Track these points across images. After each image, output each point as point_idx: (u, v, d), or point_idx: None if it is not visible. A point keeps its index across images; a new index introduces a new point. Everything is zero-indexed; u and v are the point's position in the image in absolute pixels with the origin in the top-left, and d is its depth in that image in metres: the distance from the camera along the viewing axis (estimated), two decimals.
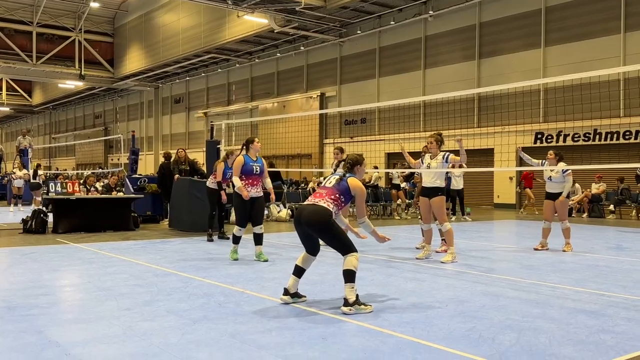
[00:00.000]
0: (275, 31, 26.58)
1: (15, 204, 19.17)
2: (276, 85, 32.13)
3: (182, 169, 13.49)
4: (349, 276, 5.07)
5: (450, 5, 23.00)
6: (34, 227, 11.52)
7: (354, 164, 5.51)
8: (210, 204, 10.82)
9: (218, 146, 12.86)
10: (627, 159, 17.98)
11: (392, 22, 25.03)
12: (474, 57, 22.62)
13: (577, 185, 18.40)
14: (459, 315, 5.05)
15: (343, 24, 26.73)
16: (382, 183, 20.54)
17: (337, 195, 5.27)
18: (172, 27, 33.40)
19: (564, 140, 19.84)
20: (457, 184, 15.40)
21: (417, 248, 9.50)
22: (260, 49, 31.56)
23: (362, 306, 5.05)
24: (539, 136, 20.43)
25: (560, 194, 9.59)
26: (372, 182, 18.02)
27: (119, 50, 39.26)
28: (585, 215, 17.95)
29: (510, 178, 21.55)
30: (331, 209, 5.17)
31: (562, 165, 9.51)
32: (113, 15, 39.52)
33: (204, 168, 14.25)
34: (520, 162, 20.69)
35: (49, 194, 12.17)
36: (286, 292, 5.38)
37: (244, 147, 8.37)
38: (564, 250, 9.42)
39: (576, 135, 19.54)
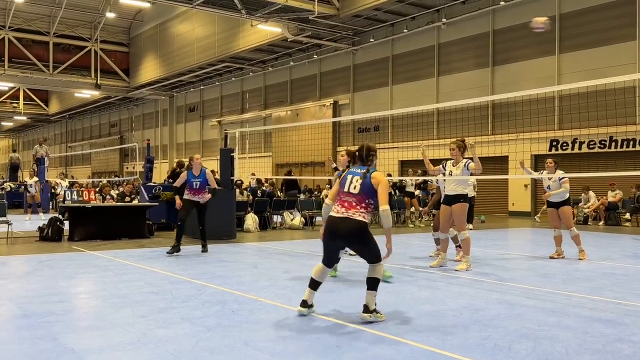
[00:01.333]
0: (288, 40, 26.71)
1: (33, 212, 19.23)
2: (289, 93, 32.25)
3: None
4: (374, 284, 5.08)
5: (464, 13, 22.97)
6: (50, 235, 11.63)
7: (369, 153, 5.32)
8: (182, 213, 9.97)
9: (232, 154, 12.91)
10: None
11: (405, 30, 25.05)
12: (487, 64, 22.55)
13: (591, 193, 18.23)
14: (474, 323, 5.02)
15: (356, 32, 26.80)
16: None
17: (367, 201, 5.08)
18: (187, 37, 33.69)
19: (579, 148, 19.68)
20: (470, 192, 15.29)
21: (430, 256, 9.45)
22: (274, 57, 31.72)
23: (379, 314, 5.06)
24: (554, 143, 20.28)
25: (561, 202, 9.49)
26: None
27: (135, 59, 39.66)
28: (601, 223, 17.76)
29: (525, 186, 21.40)
30: (366, 220, 5.05)
31: (559, 173, 9.42)
32: (129, 26, 39.95)
33: (218, 176, 14.30)
34: (536, 169, 20.60)
35: (65, 202, 12.29)
36: (304, 304, 5.23)
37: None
38: (579, 259, 9.32)
39: (592, 143, 19.37)
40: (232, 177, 12.81)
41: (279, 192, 19.64)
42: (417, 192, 18.62)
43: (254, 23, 25.60)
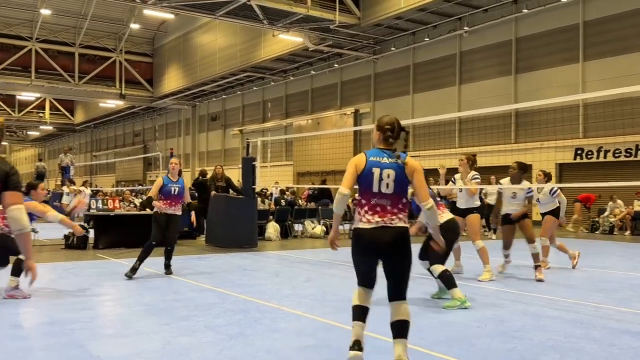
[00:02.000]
0: (309, 49, 26.82)
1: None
2: (310, 102, 32.35)
3: (218, 185, 13.68)
4: (406, 329, 4.00)
5: (486, 21, 22.85)
6: (75, 242, 11.80)
7: (396, 130, 4.02)
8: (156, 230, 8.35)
9: (254, 163, 12.99)
10: None
11: (426, 39, 24.99)
12: (510, 72, 22.37)
13: (619, 201, 17.93)
14: (499, 335, 4.96)
15: (377, 41, 26.81)
16: None
17: (404, 200, 3.97)
18: (210, 47, 34.03)
19: (605, 156, 19.38)
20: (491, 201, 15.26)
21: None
22: (295, 67, 31.87)
23: None
24: (579, 152, 20.01)
25: (549, 212, 9.48)
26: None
27: (158, 70, 40.17)
28: (627, 233, 17.44)
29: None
30: (407, 226, 3.99)
31: (548, 186, 9.30)
32: (152, 37, 40.51)
33: (240, 184, 14.40)
34: (560, 178, 20.36)
35: (90, 210, 12.46)
36: (357, 345, 3.90)
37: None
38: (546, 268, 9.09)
39: (617, 151, 19.06)
40: (253, 186, 12.87)
41: (300, 201, 19.67)
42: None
43: (276, 33, 25.78)
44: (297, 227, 16.28)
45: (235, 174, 18.22)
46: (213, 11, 23.49)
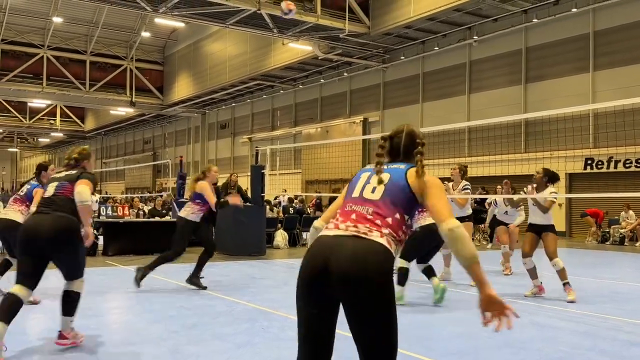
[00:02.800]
0: (319, 58, 26.91)
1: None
2: (319, 110, 32.42)
3: (229, 192, 13.71)
4: None
5: (495, 30, 22.85)
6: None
7: (413, 140, 2.85)
8: (183, 239, 8.13)
9: (263, 171, 13.03)
10: None
11: (436, 48, 25.01)
12: (520, 81, 22.33)
13: (631, 212, 17.81)
14: (507, 346, 4.95)
15: (386, 50, 26.87)
16: None
17: (396, 215, 2.52)
18: (220, 56, 34.24)
19: (615, 167, 19.27)
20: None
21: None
22: (304, 75, 31.98)
23: None
24: (589, 162, 19.91)
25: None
26: None
27: (168, 77, 40.44)
28: (638, 243, 17.32)
29: (560, 205, 21.02)
30: (392, 248, 2.45)
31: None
32: (163, 45, 40.81)
33: (249, 193, 14.44)
34: (570, 188, 20.27)
35: (100, 217, 12.54)
36: None
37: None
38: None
39: (628, 162, 18.95)
40: (262, 194, 12.91)
41: (308, 209, 19.68)
42: None
43: (285, 42, 25.91)
44: (305, 235, 16.29)
45: (244, 182, 18.26)
46: (223, 20, 23.66)
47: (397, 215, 2.51)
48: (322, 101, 32.30)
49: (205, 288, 7.74)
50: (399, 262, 6.50)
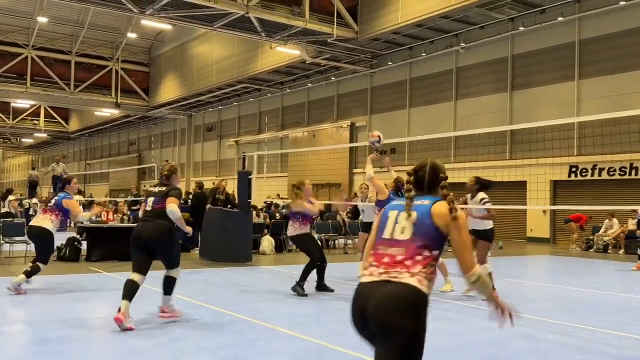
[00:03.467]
0: (306, 62, 26.87)
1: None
2: (307, 114, 32.36)
3: (217, 197, 13.62)
4: None
5: (482, 37, 22.96)
6: (67, 255, 11.69)
7: (436, 174, 3.02)
8: (313, 246, 8.57)
9: (250, 177, 12.93)
10: None
11: (423, 54, 25.07)
12: (506, 88, 22.45)
13: (615, 220, 17.94)
14: (495, 359, 4.91)
15: (374, 55, 26.89)
16: None
17: (425, 253, 2.77)
18: (207, 58, 34.06)
19: (599, 174, 19.43)
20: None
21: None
22: (292, 79, 31.90)
23: None
24: (573, 169, 20.05)
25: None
26: None
27: (155, 79, 40.15)
28: (621, 251, 17.46)
29: (544, 211, 21.15)
30: (424, 287, 2.73)
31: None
32: (149, 46, 40.51)
33: (236, 198, 14.35)
34: (555, 195, 20.41)
35: (83, 222, 12.35)
36: None
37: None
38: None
39: (611, 170, 19.11)
40: (249, 200, 12.81)
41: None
42: None
43: (273, 45, 25.82)
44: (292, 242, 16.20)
45: (230, 185, 18.14)
46: (211, 23, 23.52)
47: (426, 253, 2.77)
48: (310, 105, 32.25)
49: (306, 295, 8.00)
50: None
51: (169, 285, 6.24)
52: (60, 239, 12.43)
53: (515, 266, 13.47)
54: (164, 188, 6.33)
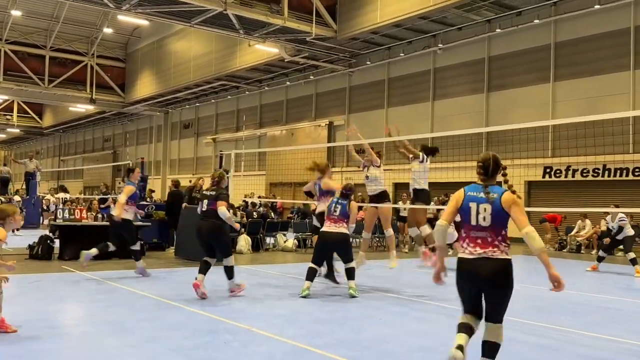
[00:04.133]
0: (285, 60, 26.81)
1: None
2: (285, 113, 32.30)
3: (194, 196, 13.48)
4: (496, 351, 4.36)
5: (460, 39, 23.15)
6: (40, 253, 11.49)
7: (498, 165, 4.33)
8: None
9: (227, 175, 12.84)
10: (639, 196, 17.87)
11: (401, 54, 25.20)
12: (482, 90, 22.67)
13: (587, 221, 18.23)
14: None
15: (353, 54, 26.94)
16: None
17: (504, 232, 4.16)
18: (184, 54, 33.76)
19: (573, 175, 19.74)
20: None
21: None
22: (270, 77, 31.80)
23: None
24: (548, 170, 20.34)
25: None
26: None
27: (131, 75, 39.68)
28: (594, 251, 17.74)
29: None
30: (509, 256, 4.16)
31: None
32: (126, 41, 40.02)
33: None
34: (529, 195, 20.66)
35: (57, 220, 12.17)
36: (460, 348, 4.24)
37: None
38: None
39: (585, 171, 19.43)
40: (227, 193, 12.70)
41: (272, 214, 19.55)
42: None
43: (252, 43, 25.71)
44: (269, 239, 16.16)
45: (207, 183, 18.00)
46: (189, 19, 23.31)
47: (503, 232, 4.17)
48: (288, 103, 32.19)
49: (338, 283, 8.92)
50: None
51: (228, 272, 7.83)
52: (33, 237, 12.23)
53: None
54: (214, 192, 7.86)
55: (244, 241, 14.40)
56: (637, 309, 8.00)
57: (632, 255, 12.25)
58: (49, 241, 11.68)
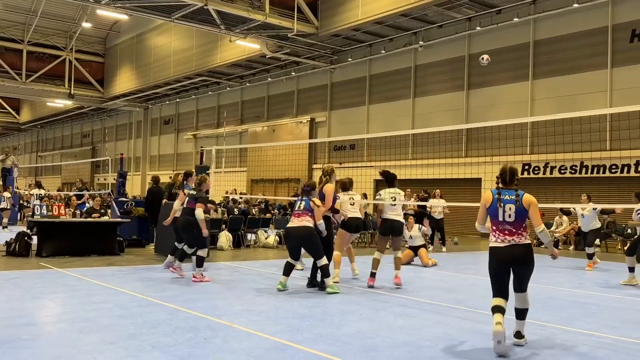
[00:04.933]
0: (266, 56, 26.73)
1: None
2: (266, 109, 32.21)
3: (174, 192, 13.37)
4: (525, 314, 5.53)
5: (440, 36, 23.29)
6: (17, 250, 11.33)
7: (513, 176, 5.43)
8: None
9: (207, 172, 12.78)
10: (616, 192, 18.14)
11: (382, 51, 25.27)
12: (463, 87, 22.84)
13: (564, 217, 18.47)
14: (449, 355, 5.00)
15: (334, 51, 26.95)
16: (370, 210, 20.52)
17: (524, 224, 5.34)
18: (164, 50, 33.46)
19: (551, 172, 19.99)
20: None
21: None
22: (252, 73, 31.68)
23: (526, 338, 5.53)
24: (526, 167, 20.57)
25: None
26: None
27: (110, 70, 39.24)
28: (571, 247, 18.01)
29: None
30: (530, 241, 5.40)
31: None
32: (105, 36, 39.55)
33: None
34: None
35: (34, 216, 12.01)
36: (499, 324, 5.19)
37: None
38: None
39: (562, 168, 19.69)
40: (207, 195, 12.62)
41: (253, 210, 19.50)
42: None
43: (233, 39, 25.57)
44: (250, 236, 16.12)
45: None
46: (169, 14, 23.12)
47: (524, 224, 5.35)
48: (269, 100, 32.11)
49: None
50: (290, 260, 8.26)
51: (199, 261, 8.71)
52: (11, 234, 12.07)
53: (469, 262, 13.75)
54: (194, 193, 8.78)
55: (224, 238, 14.35)
56: (614, 303, 8.14)
57: (591, 250, 12.39)
58: (26, 238, 11.52)
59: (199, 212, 8.53)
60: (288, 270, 8.17)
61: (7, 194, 18.72)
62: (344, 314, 6.64)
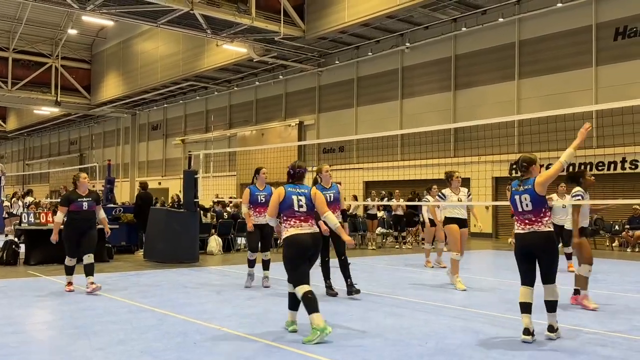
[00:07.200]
0: (254, 60, 26.72)
1: None
2: (255, 113, 32.18)
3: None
4: (555, 307, 5.69)
5: (426, 38, 23.40)
6: (5, 258, 11.24)
7: (530, 164, 5.79)
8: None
9: (196, 176, 12.74)
10: (601, 189, 18.28)
11: (369, 53, 25.34)
12: (450, 88, 22.96)
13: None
14: (439, 353, 5.02)
15: (321, 54, 26.99)
16: (360, 211, 20.55)
17: (543, 209, 5.55)
18: (151, 55, 33.36)
19: (539, 171, 20.10)
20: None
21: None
22: (239, 77, 31.65)
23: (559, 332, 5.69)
24: (514, 166, 20.65)
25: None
26: (350, 211, 18.00)
27: (96, 76, 39.05)
28: (560, 245, 18.10)
29: (487, 207, 21.75)
30: (552, 228, 5.59)
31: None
32: (91, 42, 39.36)
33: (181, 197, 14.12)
34: (497, 191, 20.99)
35: (22, 224, 11.92)
36: (526, 332, 5.48)
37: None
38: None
39: (549, 166, 19.76)
40: (196, 199, 12.62)
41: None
42: (380, 214, 18.71)
43: (220, 43, 25.55)
44: (240, 240, 16.09)
45: (176, 185, 17.86)
46: (155, 19, 23.04)
47: (543, 210, 5.58)
48: (258, 103, 32.09)
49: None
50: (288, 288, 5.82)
51: (89, 268, 8.22)
52: None
53: (461, 261, 13.76)
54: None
55: (214, 242, 14.32)
56: (602, 300, 8.20)
57: (570, 249, 11.99)
58: (14, 246, 11.44)
59: (58, 213, 8.55)
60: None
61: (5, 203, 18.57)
62: (334, 315, 6.64)
